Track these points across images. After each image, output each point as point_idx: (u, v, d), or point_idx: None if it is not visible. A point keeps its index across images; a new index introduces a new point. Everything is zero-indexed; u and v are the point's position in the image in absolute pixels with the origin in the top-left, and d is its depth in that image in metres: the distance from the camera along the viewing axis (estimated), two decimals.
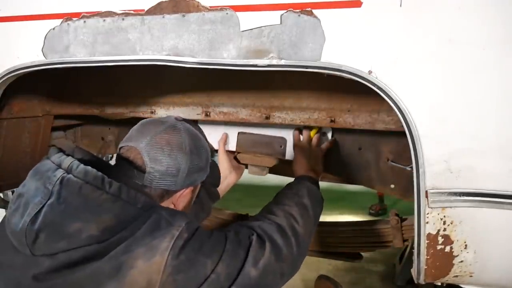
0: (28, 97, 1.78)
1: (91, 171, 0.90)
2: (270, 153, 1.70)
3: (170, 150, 0.98)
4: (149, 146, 0.98)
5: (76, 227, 0.85)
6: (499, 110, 1.05)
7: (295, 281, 3.01)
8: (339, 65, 1.10)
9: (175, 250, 0.87)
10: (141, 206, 0.92)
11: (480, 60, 1.03)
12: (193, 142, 1.03)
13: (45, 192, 0.89)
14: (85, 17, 1.31)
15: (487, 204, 1.10)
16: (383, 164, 1.60)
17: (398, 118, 1.11)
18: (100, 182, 0.89)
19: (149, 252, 0.86)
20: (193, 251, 0.90)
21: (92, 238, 0.85)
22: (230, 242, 0.97)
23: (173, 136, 1.00)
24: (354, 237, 1.74)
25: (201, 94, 1.66)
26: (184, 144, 1.01)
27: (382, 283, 3.01)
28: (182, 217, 0.93)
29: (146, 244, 0.86)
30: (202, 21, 1.20)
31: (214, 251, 0.93)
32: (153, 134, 1.00)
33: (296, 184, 1.34)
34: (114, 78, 1.74)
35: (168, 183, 0.99)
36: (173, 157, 0.98)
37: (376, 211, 4.38)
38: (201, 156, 1.05)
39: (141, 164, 0.97)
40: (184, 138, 1.01)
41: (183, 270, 0.88)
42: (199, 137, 1.07)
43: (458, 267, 1.20)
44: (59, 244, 0.85)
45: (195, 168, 1.03)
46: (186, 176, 1.01)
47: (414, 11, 1.05)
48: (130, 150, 1.00)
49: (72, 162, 0.93)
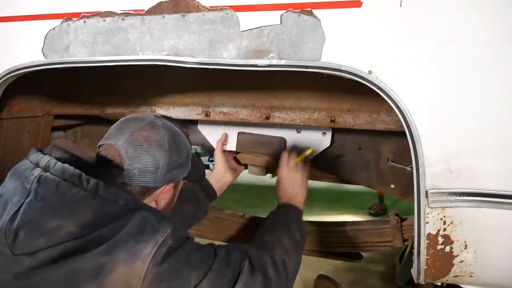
0: (28, 97, 1.78)
1: (69, 169, 0.90)
2: (270, 153, 1.70)
3: (148, 146, 0.98)
4: (127, 143, 0.98)
5: (54, 224, 0.84)
6: (499, 110, 1.05)
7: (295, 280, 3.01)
8: (339, 65, 1.10)
9: (157, 257, 0.86)
10: (124, 203, 0.91)
11: (480, 60, 1.03)
12: (172, 138, 1.02)
13: (23, 191, 0.89)
14: (85, 17, 1.31)
15: (487, 204, 1.10)
16: (383, 164, 1.60)
17: (398, 118, 1.11)
18: (78, 179, 0.89)
19: (131, 256, 0.85)
20: (178, 262, 0.89)
21: (71, 234, 0.84)
22: (218, 260, 0.95)
23: (151, 133, 1.00)
24: (354, 237, 1.74)
25: (201, 94, 1.66)
26: (163, 141, 1.00)
27: (382, 283, 3.01)
28: (168, 223, 0.92)
29: (129, 248, 0.85)
30: (202, 21, 1.20)
31: (200, 266, 0.92)
32: (132, 131, 1.00)
33: (284, 215, 1.30)
34: (114, 78, 1.74)
35: (148, 180, 0.98)
36: (152, 153, 0.98)
37: (376, 211, 4.38)
38: (180, 153, 1.04)
39: (119, 161, 0.97)
40: (162, 135, 1.01)
41: (166, 279, 0.87)
42: (178, 134, 1.06)
43: (458, 267, 1.20)
44: (38, 241, 0.84)
45: (174, 165, 1.02)
46: (166, 172, 1.00)
47: (414, 11, 1.05)
48: (108, 148, 1.00)
49: (50, 161, 0.92)
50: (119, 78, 1.74)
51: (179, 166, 1.04)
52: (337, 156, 1.66)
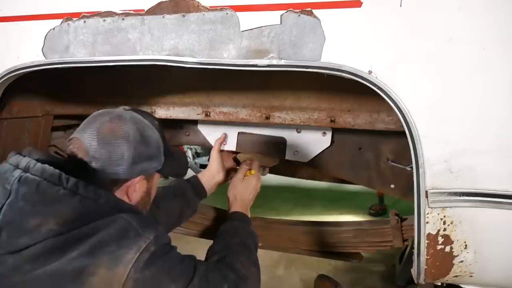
0: (28, 97, 1.78)
1: (48, 169, 0.91)
2: (270, 153, 1.70)
3: (112, 139, 0.98)
4: (91, 136, 0.98)
5: (35, 223, 0.86)
6: (499, 110, 1.05)
7: (295, 280, 3.01)
8: (339, 65, 1.10)
9: (139, 263, 0.87)
10: (104, 201, 0.92)
11: (480, 60, 1.03)
12: (138, 131, 1.02)
13: (4, 192, 0.90)
14: (85, 17, 1.31)
15: (487, 204, 1.10)
16: (383, 164, 1.60)
17: (398, 118, 1.11)
18: (57, 179, 0.90)
19: (113, 261, 0.85)
20: (160, 271, 0.90)
21: (52, 232, 0.85)
22: (199, 275, 0.96)
23: (117, 125, 1.00)
24: (354, 237, 1.74)
25: (201, 94, 1.66)
26: (128, 133, 1.00)
27: (382, 283, 3.01)
28: (151, 229, 0.93)
29: (111, 252, 0.86)
30: (202, 21, 1.20)
31: (181, 278, 0.93)
32: (98, 124, 1.00)
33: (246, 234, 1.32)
34: (114, 78, 1.74)
35: (114, 172, 0.98)
36: (116, 146, 0.98)
37: (376, 211, 4.37)
38: (148, 145, 1.04)
39: (84, 155, 0.98)
40: (128, 127, 1.01)
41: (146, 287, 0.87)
42: (146, 126, 1.05)
43: (458, 267, 1.20)
44: (20, 240, 0.85)
45: (142, 157, 1.02)
46: (132, 164, 1.00)
47: (414, 11, 1.05)
48: (74, 141, 1.01)
49: (29, 162, 0.93)
50: (119, 78, 1.74)
51: (147, 158, 1.04)
52: (337, 156, 1.66)
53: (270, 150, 1.70)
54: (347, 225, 1.79)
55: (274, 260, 3.18)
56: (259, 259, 1.22)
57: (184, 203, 1.51)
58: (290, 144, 1.68)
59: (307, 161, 1.68)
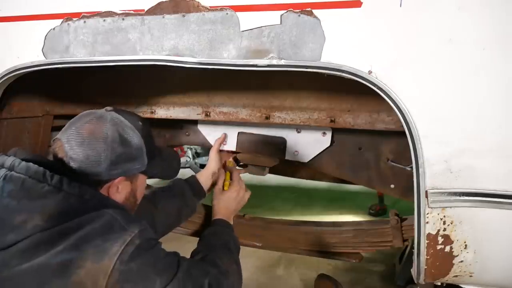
0: (28, 97, 1.78)
1: (33, 167, 0.93)
2: (270, 153, 1.70)
3: (90, 140, 0.99)
4: (71, 137, 1.00)
5: (21, 219, 0.87)
6: (499, 110, 1.05)
7: (295, 280, 3.01)
8: (339, 65, 1.10)
9: (124, 256, 0.88)
10: (89, 198, 0.94)
11: (480, 60, 1.03)
12: (117, 132, 1.02)
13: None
14: (85, 17, 1.31)
15: (487, 204, 1.10)
16: (383, 164, 1.60)
17: (398, 118, 1.11)
18: (42, 176, 0.92)
19: (99, 254, 0.87)
20: (145, 265, 0.91)
21: (38, 227, 0.87)
22: (183, 270, 0.98)
23: (96, 126, 1.01)
24: (354, 237, 1.74)
25: (201, 94, 1.66)
26: (106, 134, 1.01)
27: (382, 283, 3.01)
28: (136, 224, 0.94)
29: (96, 245, 0.87)
30: (202, 21, 1.20)
31: (166, 271, 0.94)
32: (78, 125, 1.02)
33: (228, 237, 1.37)
34: (114, 78, 1.74)
35: (92, 173, 0.99)
36: (93, 146, 0.99)
37: (376, 211, 4.37)
38: (128, 146, 1.04)
39: (63, 155, 0.99)
40: (107, 128, 1.01)
41: (132, 280, 0.88)
42: (127, 127, 1.05)
43: (458, 267, 1.20)
44: (7, 237, 0.87)
45: (122, 158, 1.02)
46: (112, 165, 1.00)
47: (414, 11, 1.05)
48: (56, 142, 1.03)
49: (14, 161, 0.95)
50: (119, 78, 1.74)
51: (128, 160, 1.04)
52: (337, 156, 1.66)
53: (270, 150, 1.70)
54: (347, 225, 1.79)
55: (274, 260, 3.18)
56: (259, 259, 1.23)
57: (183, 203, 1.52)
58: (290, 144, 1.68)
59: (307, 161, 1.68)
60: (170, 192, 1.52)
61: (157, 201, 1.45)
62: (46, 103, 1.85)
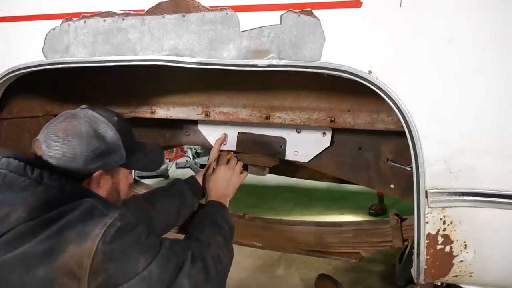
0: (28, 97, 1.78)
1: (13, 162, 0.96)
2: (270, 153, 1.70)
3: (64, 137, 1.02)
4: (47, 136, 1.04)
5: (4, 212, 0.89)
6: (498, 110, 1.05)
7: (295, 280, 3.01)
8: (339, 65, 1.10)
9: (106, 237, 0.90)
10: (70, 190, 0.97)
11: (480, 60, 1.03)
12: (91, 127, 1.05)
13: None
14: (85, 17, 1.31)
15: (487, 204, 1.10)
16: (383, 164, 1.60)
17: (398, 118, 1.11)
18: (23, 170, 0.95)
19: (81, 237, 0.89)
20: (128, 244, 0.93)
21: (21, 219, 0.89)
22: (164, 247, 1.00)
23: (69, 123, 1.05)
24: (354, 237, 1.74)
25: (201, 94, 1.66)
26: (80, 130, 1.04)
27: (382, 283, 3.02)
28: (116, 209, 0.97)
29: (78, 230, 0.89)
30: (202, 21, 1.20)
31: (149, 250, 0.97)
32: (54, 124, 1.06)
33: (216, 213, 1.42)
34: (114, 78, 1.74)
35: (71, 169, 1.02)
36: (68, 143, 1.02)
37: (376, 211, 4.38)
38: (103, 140, 1.06)
39: (42, 154, 1.02)
40: (81, 124, 1.05)
41: (116, 260, 0.90)
42: (101, 123, 1.08)
43: (458, 267, 1.20)
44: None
45: (98, 152, 1.04)
46: (88, 160, 1.03)
47: (414, 11, 1.05)
48: (35, 143, 1.06)
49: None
50: (119, 78, 1.74)
51: (104, 153, 1.06)
52: (337, 156, 1.66)
53: (270, 150, 1.70)
54: (347, 225, 1.79)
55: (274, 260, 3.18)
56: (259, 259, 1.24)
57: (182, 202, 1.53)
58: (290, 144, 1.68)
59: (307, 161, 1.69)
60: (169, 192, 1.54)
61: (155, 201, 1.47)
62: (46, 103, 1.85)
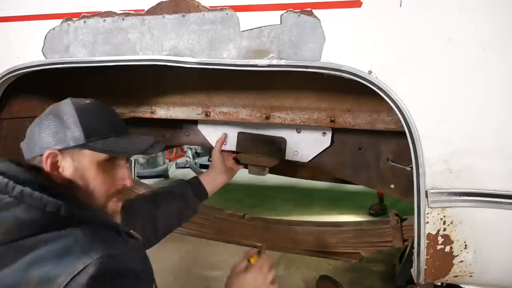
0: (28, 97, 1.78)
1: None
2: (270, 153, 1.70)
3: (31, 127, 1.03)
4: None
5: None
6: (499, 110, 1.05)
7: (295, 280, 3.01)
8: (339, 65, 1.10)
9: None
10: (53, 210, 0.86)
11: (480, 60, 1.03)
12: (49, 111, 1.04)
13: None
14: (85, 17, 1.31)
15: (487, 204, 1.10)
16: (383, 164, 1.60)
17: (398, 118, 1.11)
18: (4, 187, 0.88)
19: (42, 284, 0.76)
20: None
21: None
22: None
23: (38, 117, 1.04)
24: (354, 237, 1.75)
25: (201, 94, 1.66)
26: (41, 117, 1.03)
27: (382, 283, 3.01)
28: (101, 248, 0.81)
29: (43, 273, 0.77)
30: (202, 21, 1.20)
31: None
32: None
33: None
34: (114, 78, 1.74)
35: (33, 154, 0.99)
36: (31, 131, 1.02)
37: (376, 211, 4.38)
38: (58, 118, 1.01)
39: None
40: (43, 113, 1.04)
41: None
42: (62, 104, 1.05)
43: (458, 267, 1.20)
44: None
45: (49, 129, 0.99)
46: (40, 139, 0.98)
47: (414, 11, 1.05)
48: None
49: None
50: (119, 78, 1.74)
51: (58, 130, 0.99)
52: (337, 156, 1.66)
53: (270, 150, 1.70)
54: (347, 225, 1.80)
55: (274, 260, 3.19)
56: None
57: (184, 204, 1.52)
58: (290, 144, 1.68)
59: (307, 161, 1.69)
60: (171, 193, 1.52)
61: (158, 202, 1.46)
62: (46, 103, 1.83)
